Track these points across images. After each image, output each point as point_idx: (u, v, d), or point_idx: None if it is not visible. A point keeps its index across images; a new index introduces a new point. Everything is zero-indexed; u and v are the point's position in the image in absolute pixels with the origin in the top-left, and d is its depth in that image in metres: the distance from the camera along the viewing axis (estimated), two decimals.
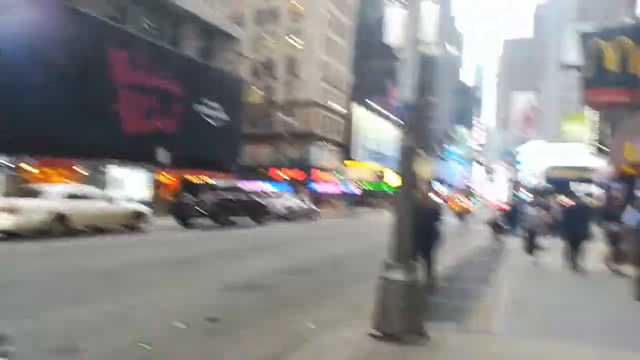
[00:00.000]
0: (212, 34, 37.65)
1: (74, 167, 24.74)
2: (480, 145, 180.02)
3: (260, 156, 52.54)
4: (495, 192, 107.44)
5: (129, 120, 28.89)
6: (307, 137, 53.98)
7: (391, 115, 78.86)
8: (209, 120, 34.59)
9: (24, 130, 21.58)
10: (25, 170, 23.87)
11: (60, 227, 12.85)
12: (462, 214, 26.91)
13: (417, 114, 5.45)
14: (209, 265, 10.24)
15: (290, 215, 25.23)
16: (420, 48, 5.94)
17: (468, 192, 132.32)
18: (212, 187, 19.05)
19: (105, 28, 28.01)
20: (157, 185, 26.97)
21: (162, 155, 27.02)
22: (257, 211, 21.50)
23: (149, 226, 16.36)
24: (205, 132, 33.96)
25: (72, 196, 13.67)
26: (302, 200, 28.53)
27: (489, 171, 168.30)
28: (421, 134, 4.75)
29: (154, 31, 31.28)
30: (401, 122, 5.48)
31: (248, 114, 54.94)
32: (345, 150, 64.92)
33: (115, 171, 24.59)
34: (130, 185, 25.53)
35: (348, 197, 51.44)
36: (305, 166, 53.66)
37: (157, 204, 23.34)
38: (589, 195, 38.30)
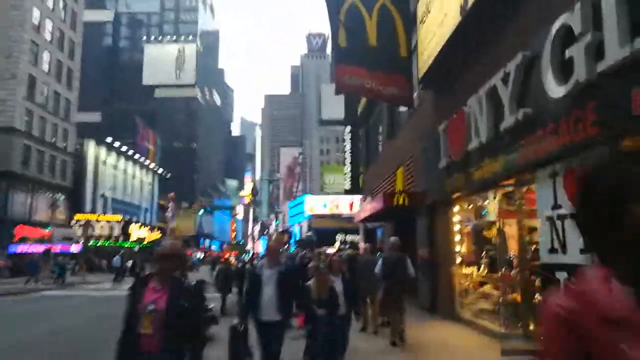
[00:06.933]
0: None
1: None
2: (252, 198, 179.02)
3: None
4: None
5: None
6: (5, 178, 39.03)
7: (142, 160, 67.55)
8: None
9: None
10: None
11: None
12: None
13: None
14: None
15: None
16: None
17: (240, 247, 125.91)
18: None
19: None
20: None
21: None
22: None
23: None
24: None
25: None
26: None
27: (262, 225, 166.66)
28: None
29: None
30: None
31: None
32: (76, 198, 50.88)
33: None
34: None
35: (65, 258, 37.52)
36: (4, 219, 38.45)
37: None
38: (354, 244, 34.05)
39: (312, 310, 5.61)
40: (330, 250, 16.07)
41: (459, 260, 10.86)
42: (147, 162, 68.88)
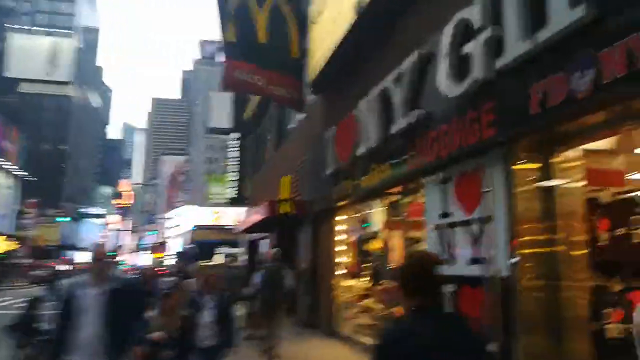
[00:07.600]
0: None
1: None
2: (128, 207, 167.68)
3: None
4: (144, 258, 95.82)
5: None
6: None
7: None
8: None
9: None
10: None
11: None
12: None
13: None
14: None
15: None
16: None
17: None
18: None
19: None
20: None
21: None
22: None
23: None
24: None
25: None
26: None
27: (137, 236, 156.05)
28: None
29: None
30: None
31: None
32: None
33: None
34: None
35: None
36: None
37: None
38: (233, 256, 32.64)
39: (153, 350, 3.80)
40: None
41: (341, 271, 10.42)
42: (6, 163, 60.66)
